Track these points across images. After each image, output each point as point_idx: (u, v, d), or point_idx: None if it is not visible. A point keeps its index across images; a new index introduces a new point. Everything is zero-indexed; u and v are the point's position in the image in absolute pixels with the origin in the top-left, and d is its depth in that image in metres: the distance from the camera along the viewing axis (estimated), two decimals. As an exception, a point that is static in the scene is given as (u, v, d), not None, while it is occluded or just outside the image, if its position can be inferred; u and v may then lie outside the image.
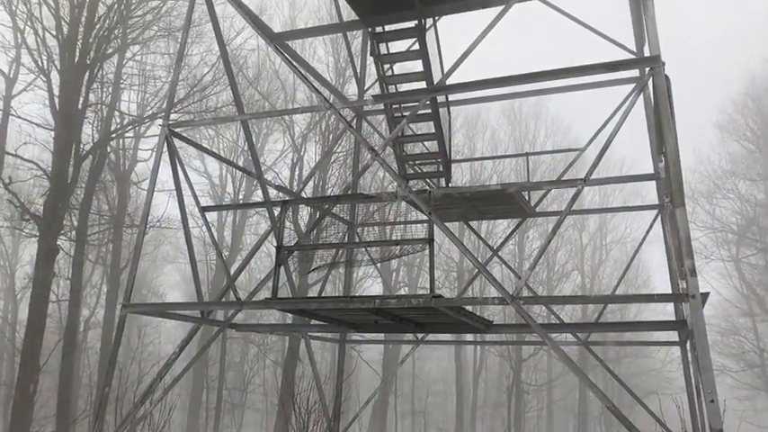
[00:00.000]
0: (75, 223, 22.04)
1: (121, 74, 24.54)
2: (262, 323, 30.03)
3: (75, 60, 19.78)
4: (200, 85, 24.41)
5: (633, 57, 11.06)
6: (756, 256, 37.13)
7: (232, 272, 14.90)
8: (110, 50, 21.88)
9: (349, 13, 16.53)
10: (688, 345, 10.17)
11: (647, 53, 8.64)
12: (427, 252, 8.48)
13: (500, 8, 9.42)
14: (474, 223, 17.57)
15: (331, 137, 25.34)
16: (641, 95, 11.22)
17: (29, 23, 20.64)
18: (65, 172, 19.34)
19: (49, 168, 19.85)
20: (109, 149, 24.60)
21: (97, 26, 20.50)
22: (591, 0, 10.78)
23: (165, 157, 10.54)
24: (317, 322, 11.96)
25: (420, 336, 12.12)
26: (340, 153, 25.22)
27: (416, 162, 12.98)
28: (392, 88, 12.17)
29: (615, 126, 8.24)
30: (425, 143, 13.64)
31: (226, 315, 11.91)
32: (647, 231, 12.26)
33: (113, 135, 24.02)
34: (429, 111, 11.64)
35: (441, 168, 12.64)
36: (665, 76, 7.57)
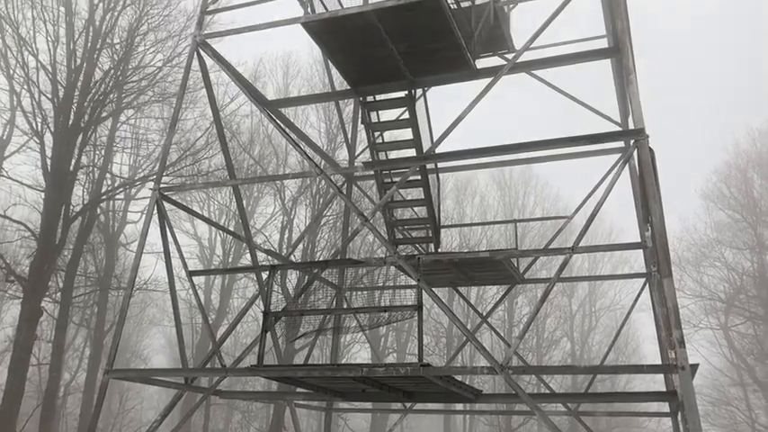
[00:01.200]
0: (61, 285, 21.81)
1: (115, 137, 24.81)
2: (246, 390, 29.43)
3: (70, 123, 20.00)
4: (193, 149, 24.66)
5: (618, 129, 11.33)
6: (745, 325, 37.07)
7: (218, 336, 14.70)
8: (104, 114, 22.16)
9: (341, 82, 16.93)
10: (679, 416, 10.04)
11: (631, 125, 8.86)
12: (416, 318, 8.43)
13: (488, 80, 9.68)
14: (463, 289, 17.52)
15: (321, 201, 25.49)
16: (627, 165, 11.43)
17: (25, 87, 20.95)
18: (53, 233, 19.26)
19: (38, 229, 19.77)
20: (99, 211, 24.61)
21: (93, 90, 20.83)
22: (577, 71, 11.06)
23: (155, 218, 10.56)
24: (303, 390, 11.74)
25: (408, 404, 11.90)
26: (330, 217, 25.33)
27: (406, 227, 13.05)
28: (382, 154, 12.35)
29: (603, 194, 8.37)
30: (415, 208, 13.75)
31: (210, 381, 11.67)
32: (636, 300, 12.28)
33: (104, 197, 24.07)
34: (418, 177, 11.80)
35: (430, 234, 12.70)
36: (650, 148, 7.74)
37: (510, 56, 13.36)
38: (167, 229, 10.57)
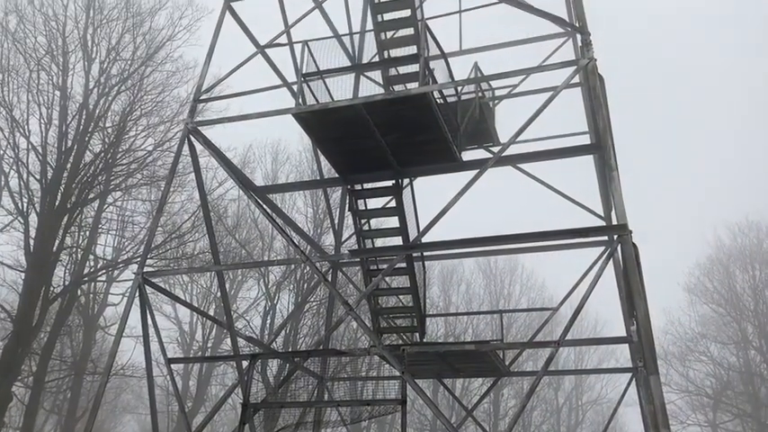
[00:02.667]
0: (34, 369, 21.15)
1: (100, 218, 24.75)
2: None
3: (56, 204, 19.99)
4: (179, 232, 24.60)
5: (602, 224, 11.49)
6: (734, 422, 36.42)
7: (194, 426, 14.17)
8: (91, 195, 22.21)
9: (329, 169, 17.16)
10: None
11: (614, 219, 8.99)
12: (400, 412, 8.21)
13: (474, 172, 9.85)
14: (448, 380, 17.18)
15: (305, 286, 25.28)
16: (611, 258, 11.51)
17: (14, 167, 21.06)
18: (30, 315, 18.86)
19: (14, 311, 19.36)
20: (79, 293, 24.21)
21: (82, 172, 20.95)
22: (562, 166, 11.31)
23: (136, 301, 10.39)
24: (280, 486, 11.24)
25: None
26: (314, 303, 25.05)
27: (391, 315, 12.91)
28: (369, 242, 12.37)
29: (588, 287, 8.37)
30: (400, 296, 13.65)
31: (183, 475, 11.17)
32: (623, 395, 12.07)
33: (85, 279, 23.75)
34: (404, 265, 11.77)
35: (415, 323, 12.56)
36: (633, 244, 7.83)
37: (495, 149, 13.68)
38: (148, 314, 10.38)
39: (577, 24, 9.68)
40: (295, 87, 12.41)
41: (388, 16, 12.97)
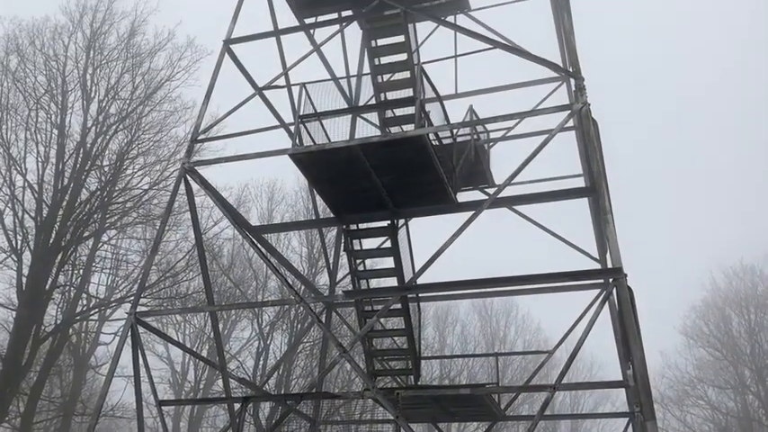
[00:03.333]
0: (22, 409, 20.77)
1: (94, 256, 24.63)
2: None
3: (51, 242, 19.91)
4: (173, 271, 24.48)
5: (597, 267, 11.49)
6: (734, 470, 35.89)
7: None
8: (86, 234, 22.15)
9: (324, 209, 17.18)
10: None
11: (609, 262, 8.99)
12: (393, 458, 8.06)
13: (470, 213, 9.88)
14: (443, 424, 16.93)
15: (299, 327, 25.07)
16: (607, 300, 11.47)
17: (9, 205, 21.04)
18: (20, 355, 18.62)
19: (4, 350, 19.12)
20: (71, 331, 23.94)
21: (77, 210, 20.94)
22: (557, 206, 11.37)
23: (128, 340, 10.28)
24: None
25: None
26: (307, 343, 24.81)
27: (385, 357, 12.78)
28: (363, 282, 12.32)
29: (584, 331, 8.31)
30: (395, 338, 13.53)
31: None
32: (620, 441, 11.89)
33: (77, 318, 23.52)
34: (399, 307, 11.71)
35: (410, 365, 12.43)
36: (629, 287, 7.82)
37: (490, 190, 13.75)
38: (140, 355, 10.26)
39: (571, 69, 9.84)
40: (292, 128, 12.53)
41: (384, 60, 13.17)
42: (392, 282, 11.76)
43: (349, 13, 13.68)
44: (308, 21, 13.52)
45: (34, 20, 24.11)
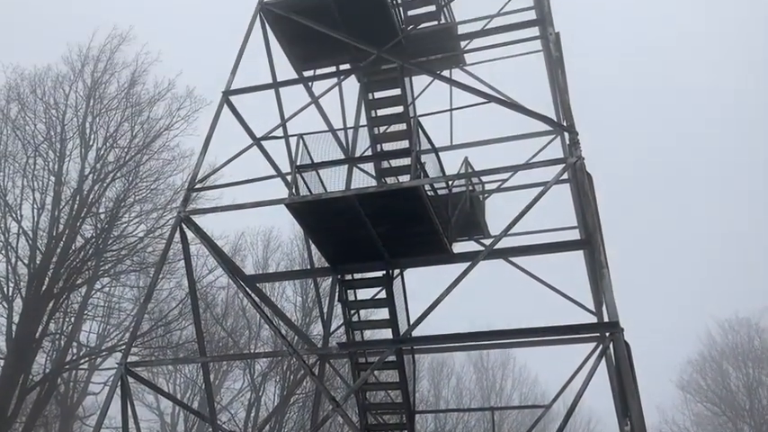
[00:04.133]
0: (6, 462, 20.24)
1: (87, 304, 24.39)
2: None
3: (43, 290, 19.75)
4: (165, 320, 24.23)
5: (593, 320, 11.44)
6: None
7: None
8: (79, 281, 21.99)
9: (319, 258, 17.13)
10: None
11: (606, 316, 8.93)
12: None
13: (465, 264, 9.86)
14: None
15: (292, 378, 24.70)
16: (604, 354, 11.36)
17: (3, 252, 20.93)
18: (6, 404, 18.24)
19: (-9, 400, 18.73)
20: (59, 381, 23.52)
21: (71, 258, 20.83)
22: (553, 257, 11.37)
23: (118, 390, 10.09)
24: None
25: None
26: (300, 396, 24.40)
27: (379, 411, 12.57)
28: (358, 333, 12.20)
29: (581, 385, 8.21)
30: (389, 391, 13.32)
31: None
32: (620, 499, 11.59)
33: (67, 366, 23.14)
34: (394, 359, 11.57)
35: (404, 419, 12.21)
36: (626, 342, 7.76)
37: (486, 241, 13.76)
38: (129, 406, 10.06)
39: (565, 123, 9.98)
40: (289, 177, 12.60)
41: (381, 112, 13.37)
42: (387, 333, 11.64)
43: (347, 66, 13.93)
44: (306, 73, 13.75)
45: (36, 69, 24.49)
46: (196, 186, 12.09)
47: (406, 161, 12.31)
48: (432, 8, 14.40)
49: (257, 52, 13.53)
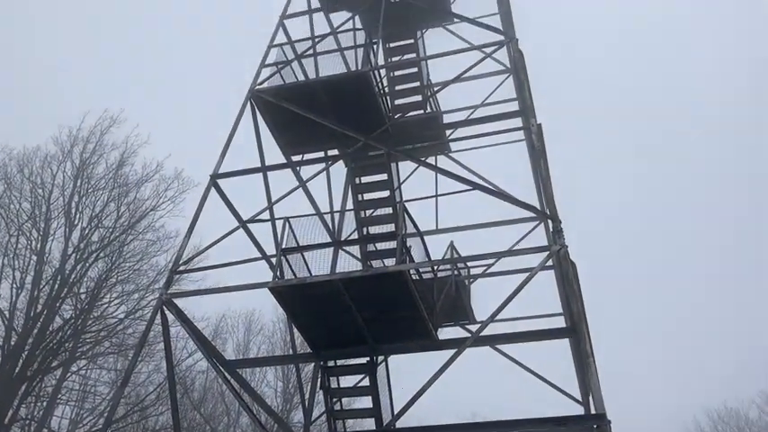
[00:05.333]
0: None
1: (61, 387, 23.63)
2: None
3: (16, 372, 19.15)
4: (142, 405, 23.47)
5: (580, 413, 11.22)
6: None
7: None
8: (55, 363, 21.38)
9: (302, 342, 16.84)
10: None
11: (593, 406, 8.78)
12: None
13: (451, 351, 9.73)
14: None
15: (272, 468, 23.76)
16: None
17: (-23, 337, 20.43)
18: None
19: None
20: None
21: (48, 339, 20.34)
22: (540, 347, 11.25)
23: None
24: None
25: None
26: (280, 487, 23.39)
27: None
28: (340, 423, 11.86)
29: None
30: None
31: None
32: None
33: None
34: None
35: None
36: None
37: (471, 326, 13.65)
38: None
39: (548, 212, 10.11)
40: (274, 260, 12.54)
41: (368, 196, 13.51)
42: (370, 423, 11.33)
43: (335, 152, 14.17)
44: (294, 158, 13.95)
45: (25, 149, 24.70)
46: (179, 269, 12.00)
47: (391, 244, 12.34)
48: (418, 98, 14.85)
49: (247, 135, 13.73)
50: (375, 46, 13.67)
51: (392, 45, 15.81)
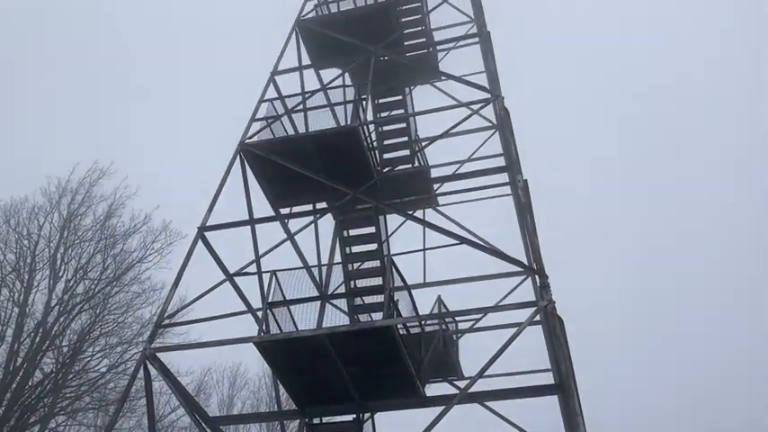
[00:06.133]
0: None
1: (38, 446, 22.95)
2: None
3: (-9, 429, 18.63)
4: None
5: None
6: None
7: None
8: (33, 419, 20.81)
9: (287, 398, 16.49)
10: None
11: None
12: None
13: (440, 408, 9.58)
14: None
15: None
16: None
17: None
18: None
19: None
20: None
21: (27, 394, 19.86)
22: (527, 403, 11.09)
23: None
24: None
25: None
26: None
27: None
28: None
29: None
30: None
31: None
32: None
33: None
34: None
35: None
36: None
37: (459, 382, 13.48)
38: None
39: (535, 267, 10.13)
40: (260, 313, 12.42)
41: (355, 249, 13.52)
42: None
43: (323, 205, 14.21)
44: (282, 211, 13.97)
45: (12, 200, 24.60)
46: (164, 322, 11.85)
47: (379, 298, 12.28)
48: (406, 152, 15.03)
49: (236, 186, 13.73)
50: (364, 102, 13.89)
51: (381, 101, 16.09)
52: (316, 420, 11.52)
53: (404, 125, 15.03)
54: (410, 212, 13.92)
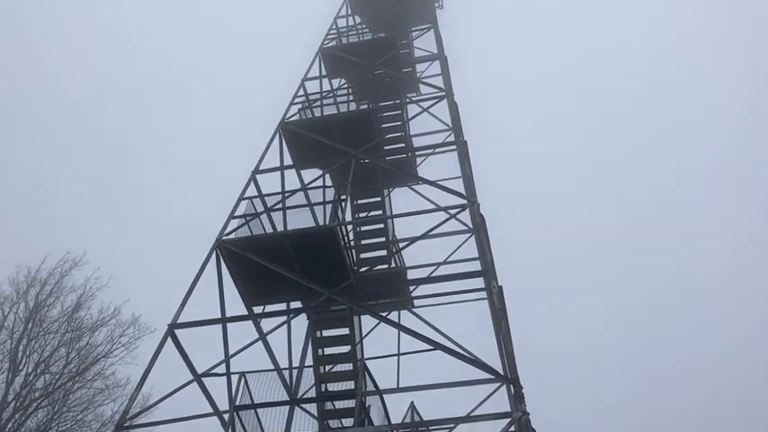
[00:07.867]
0: None
1: None
2: None
3: None
4: None
5: None
6: None
7: None
8: None
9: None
10: None
11: None
12: None
13: None
14: None
15: None
16: None
17: None
18: None
19: None
20: None
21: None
22: None
23: None
24: None
25: None
26: None
27: None
28: None
29: None
30: None
31: None
32: None
33: None
34: None
35: None
36: None
37: None
38: None
39: (510, 376, 9.98)
40: (226, 416, 11.96)
41: (328, 350, 13.26)
42: None
43: (297, 304, 14.05)
44: (256, 309, 13.77)
45: (-23, 289, 23.96)
46: (125, 424, 11.34)
47: (350, 403, 11.95)
48: (383, 253, 15.09)
49: (209, 282, 13.54)
50: (343, 202, 14.05)
51: (360, 201, 16.30)
52: None
53: (381, 226, 15.17)
54: (385, 314, 13.77)
